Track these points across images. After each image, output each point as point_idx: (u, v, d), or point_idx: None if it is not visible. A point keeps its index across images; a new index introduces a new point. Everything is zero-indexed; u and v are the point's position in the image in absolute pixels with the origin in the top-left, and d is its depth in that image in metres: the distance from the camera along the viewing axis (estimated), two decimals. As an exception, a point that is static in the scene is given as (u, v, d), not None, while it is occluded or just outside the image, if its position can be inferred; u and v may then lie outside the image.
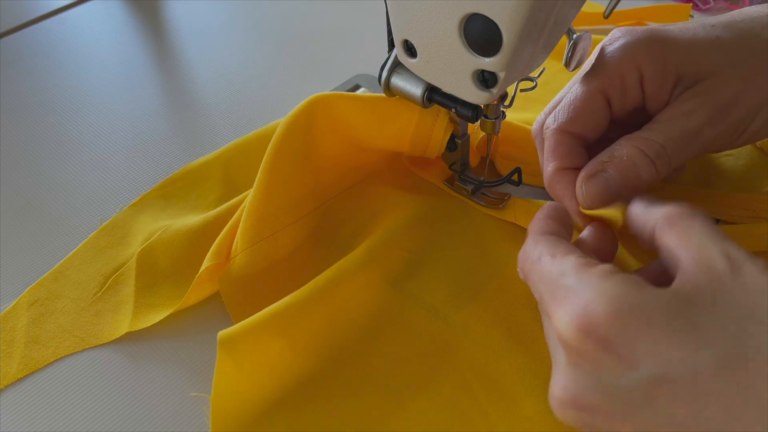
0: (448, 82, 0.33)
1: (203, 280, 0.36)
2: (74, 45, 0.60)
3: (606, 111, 0.35)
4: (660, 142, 0.32)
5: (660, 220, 0.26)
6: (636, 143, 0.32)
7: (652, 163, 0.32)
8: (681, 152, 0.33)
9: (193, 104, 0.52)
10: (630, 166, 0.32)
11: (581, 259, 0.25)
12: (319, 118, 0.38)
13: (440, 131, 0.39)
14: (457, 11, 0.29)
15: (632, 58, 0.34)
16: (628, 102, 0.35)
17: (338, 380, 0.33)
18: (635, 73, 0.34)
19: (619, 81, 0.34)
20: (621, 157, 0.32)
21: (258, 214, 0.37)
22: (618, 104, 0.35)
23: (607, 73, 0.34)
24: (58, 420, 0.33)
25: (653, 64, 0.33)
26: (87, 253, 0.40)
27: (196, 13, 0.63)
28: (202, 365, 0.35)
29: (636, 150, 0.32)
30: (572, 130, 0.34)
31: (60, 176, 0.46)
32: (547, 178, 0.35)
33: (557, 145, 0.34)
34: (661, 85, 0.34)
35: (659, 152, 0.32)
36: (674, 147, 0.32)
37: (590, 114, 0.34)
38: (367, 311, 0.35)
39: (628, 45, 0.34)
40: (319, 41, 0.58)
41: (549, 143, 0.35)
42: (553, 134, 0.35)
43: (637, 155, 0.32)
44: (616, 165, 0.32)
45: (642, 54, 0.33)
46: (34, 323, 0.37)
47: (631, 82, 0.34)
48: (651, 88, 0.34)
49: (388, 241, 0.37)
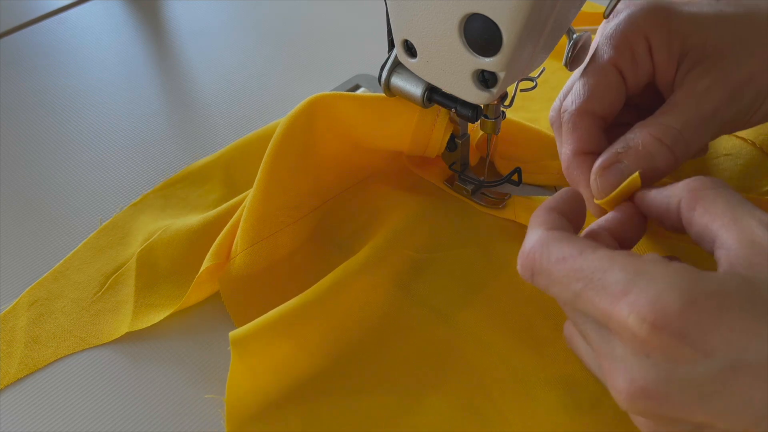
0: (448, 82, 0.33)
1: (203, 280, 0.36)
2: (74, 45, 0.60)
3: (621, 85, 0.34)
4: (677, 127, 0.31)
5: (685, 195, 0.26)
6: (652, 131, 0.31)
7: (670, 151, 0.31)
8: (698, 135, 0.32)
9: (193, 104, 0.52)
10: (646, 156, 0.31)
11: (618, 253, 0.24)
12: (319, 118, 0.38)
13: (440, 131, 0.39)
14: (457, 11, 0.29)
15: (638, 27, 0.33)
16: (640, 73, 0.34)
17: (351, 379, 0.33)
18: (643, 41, 0.33)
19: (630, 52, 0.33)
20: (636, 147, 0.31)
21: (258, 214, 0.37)
22: (632, 77, 0.34)
23: (617, 46, 0.33)
24: (58, 420, 0.33)
25: (659, 32, 0.33)
26: (87, 253, 0.40)
27: (196, 13, 0.63)
28: (203, 365, 0.35)
29: (651, 138, 0.31)
30: (591, 108, 0.33)
31: (60, 176, 0.46)
32: (565, 161, 0.34)
33: (575, 127, 0.33)
34: (668, 55, 0.33)
35: (676, 138, 0.31)
36: (691, 131, 0.31)
37: (607, 90, 0.33)
38: (375, 312, 0.35)
39: (632, 15, 0.33)
40: (319, 41, 0.58)
41: (567, 126, 0.34)
42: (571, 116, 0.34)
43: (653, 144, 0.31)
44: (631, 155, 0.31)
45: (647, 23, 0.33)
46: (34, 323, 0.37)
47: (640, 51, 0.33)
48: (660, 57, 0.33)
49: (391, 241, 0.37)
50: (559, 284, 0.25)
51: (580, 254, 0.25)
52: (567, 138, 0.34)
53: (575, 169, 0.33)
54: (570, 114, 0.34)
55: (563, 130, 0.34)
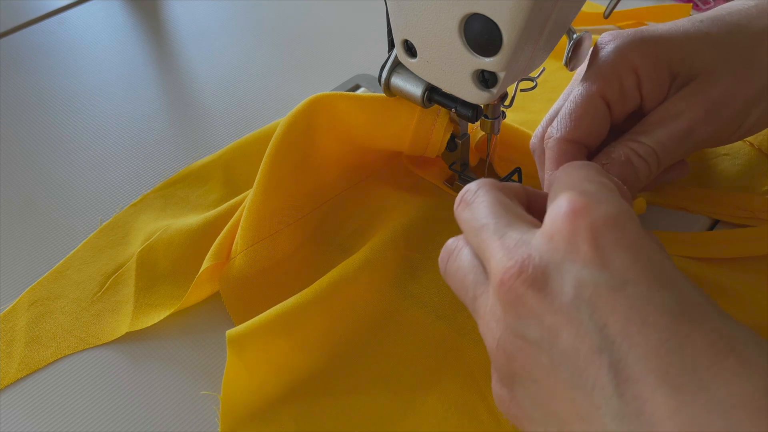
0: (448, 82, 0.33)
1: (203, 280, 0.36)
2: (74, 45, 0.60)
3: (607, 116, 0.35)
4: (650, 144, 0.33)
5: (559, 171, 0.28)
6: (630, 145, 0.33)
7: (646, 163, 0.33)
8: (673, 152, 0.34)
9: (193, 104, 0.52)
10: (628, 166, 0.33)
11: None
12: (319, 118, 0.38)
13: (440, 131, 0.39)
14: (457, 11, 0.29)
15: (626, 59, 0.34)
16: (627, 105, 0.35)
17: (346, 379, 0.33)
18: (632, 75, 0.34)
19: (618, 84, 0.34)
20: (619, 158, 0.33)
21: (258, 214, 0.37)
22: (618, 108, 0.35)
23: (605, 77, 0.34)
24: (58, 420, 0.33)
25: (647, 64, 0.33)
26: (87, 253, 0.40)
27: (196, 13, 0.63)
28: (203, 365, 0.35)
29: (631, 152, 0.33)
30: (575, 138, 0.34)
31: (60, 176, 0.46)
32: (547, 185, 0.35)
33: (560, 155, 0.34)
34: (657, 85, 0.34)
35: (649, 154, 0.33)
36: (663, 148, 0.33)
37: (592, 120, 0.34)
38: (371, 312, 0.35)
39: (620, 47, 0.34)
40: (319, 41, 0.58)
41: (552, 153, 0.34)
42: (556, 144, 0.34)
43: (633, 156, 0.33)
44: (615, 167, 0.33)
45: (635, 55, 0.34)
46: (34, 323, 0.37)
47: (628, 84, 0.34)
48: (648, 89, 0.34)
49: (389, 241, 0.37)
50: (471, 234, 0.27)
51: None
52: (551, 165, 0.34)
53: None
54: (555, 141, 0.34)
55: (546, 156, 0.35)
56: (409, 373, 0.33)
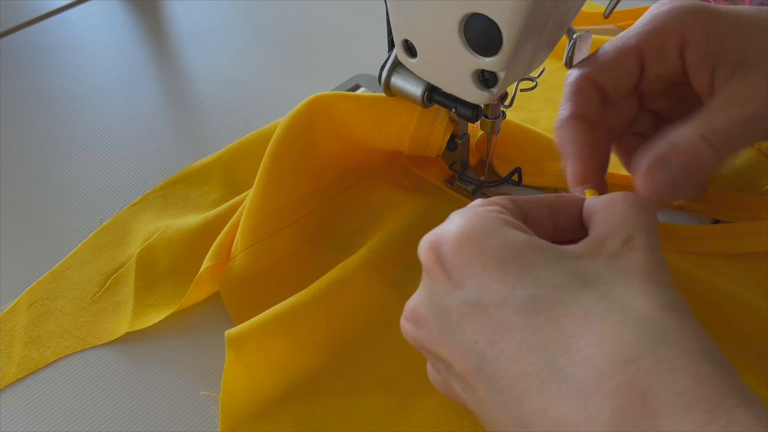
0: (448, 82, 0.33)
1: (203, 280, 0.36)
2: (74, 45, 0.60)
3: (636, 71, 0.34)
4: (723, 128, 0.31)
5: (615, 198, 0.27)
6: (698, 131, 0.31)
7: (716, 151, 0.31)
8: (742, 138, 0.31)
9: (193, 104, 0.52)
10: (694, 156, 0.30)
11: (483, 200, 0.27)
12: (318, 118, 0.38)
13: (440, 131, 0.39)
14: (457, 11, 0.29)
15: (676, 21, 0.33)
16: (665, 68, 0.33)
17: (345, 379, 0.33)
18: (677, 37, 0.33)
19: (659, 43, 0.33)
20: (684, 147, 0.31)
21: (258, 214, 0.37)
22: (653, 68, 0.33)
23: (647, 34, 0.33)
24: (58, 420, 0.33)
25: (696, 30, 0.32)
26: (87, 253, 0.40)
27: (196, 13, 0.63)
28: (203, 365, 0.35)
29: (700, 138, 0.31)
30: (597, 78, 0.33)
31: (60, 176, 0.46)
32: (559, 122, 0.34)
33: (578, 91, 0.33)
34: (704, 55, 0.32)
35: (723, 139, 0.31)
36: (737, 133, 0.31)
37: (620, 68, 0.33)
38: (371, 312, 0.35)
39: (674, 9, 0.33)
40: (319, 41, 0.58)
41: (569, 88, 0.34)
42: (575, 80, 0.34)
43: (701, 144, 0.30)
44: (679, 155, 0.31)
45: (686, 19, 0.32)
46: (33, 323, 0.37)
47: (670, 46, 0.33)
48: (693, 58, 0.33)
49: (389, 241, 0.37)
50: None
51: None
52: (566, 98, 0.34)
53: (567, 131, 0.33)
54: (575, 77, 0.34)
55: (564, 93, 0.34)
56: (408, 373, 0.33)
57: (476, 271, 0.23)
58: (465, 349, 0.23)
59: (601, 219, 0.26)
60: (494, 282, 0.23)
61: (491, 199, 0.27)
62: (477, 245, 0.24)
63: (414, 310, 0.26)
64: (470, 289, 0.23)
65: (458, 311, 0.23)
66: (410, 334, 0.26)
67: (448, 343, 0.24)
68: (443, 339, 0.24)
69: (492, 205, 0.26)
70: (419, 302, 0.25)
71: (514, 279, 0.23)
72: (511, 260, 0.23)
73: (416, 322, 0.25)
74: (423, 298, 0.25)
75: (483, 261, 0.23)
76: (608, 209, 0.26)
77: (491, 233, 0.24)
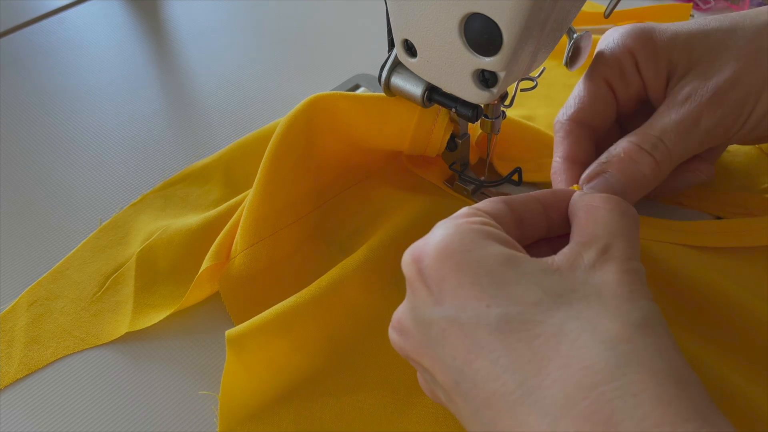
0: (448, 82, 0.33)
1: (203, 280, 0.36)
2: (74, 45, 0.60)
3: (611, 97, 0.36)
4: (656, 134, 0.32)
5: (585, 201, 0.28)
6: (632, 138, 0.33)
7: (651, 156, 0.32)
8: (681, 142, 0.33)
9: (193, 104, 0.52)
10: (629, 162, 0.32)
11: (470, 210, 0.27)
12: (318, 118, 0.38)
13: (440, 131, 0.39)
14: (458, 11, 0.29)
15: (624, 45, 0.35)
16: (630, 88, 0.35)
17: (345, 379, 0.33)
18: (630, 57, 0.35)
19: (618, 67, 0.35)
20: (618, 155, 0.33)
21: (258, 214, 0.37)
22: (622, 90, 0.35)
23: (606, 62, 0.35)
24: (57, 420, 0.33)
25: (643, 49, 0.34)
26: (86, 253, 0.40)
27: (196, 13, 0.63)
28: (203, 365, 0.35)
29: (632, 145, 0.32)
30: (580, 118, 0.35)
31: (60, 176, 0.46)
32: (553, 167, 0.35)
33: (565, 135, 0.35)
34: (655, 70, 0.34)
35: (655, 143, 0.32)
36: (672, 137, 0.32)
37: (596, 101, 0.35)
38: (371, 311, 0.35)
39: (619, 36, 0.36)
40: (319, 41, 0.58)
41: (558, 135, 0.36)
42: (562, 126, 0.36)
43: (634, 150, 0.32)
44: (615, 163, 0.32)
45: (632, 40, 0.35)
46: (33, 323, 0.37)
47: (627, 66, 0.35)
48: (646, 73, 0.35)
49: (389, 241, 0.37)
50: None
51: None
52: (556, 145, 0.36)
53: (561, 174, 0.35)
54: (561, 123, 0.36)
55: (555, 139, 0.36)
56: (407, 373, 0.33)
57: (453, 288, 0.24)
58: (445, 364, 0.24)
59: (581, 226, 0.27)
60: (470, 300, 0.23)
61: (485, 205, 0.28)
62: (454, 261, 0.24)
63: (399, 320, 0.26)
64: (448, 306, 0.24)
65: (438, 326, 0.24)
66: (397, 344, 0.26)
67: (430, 356, 0.24)
68: (426, 351, 0.24)
69: (476, 216, 0.26)
70: (404, 313, 0.26)
71: (488, 297, 0.23)
72: (487, 277, 0.23)
73: (402, 332, 0.26)
74: (407, 309, 0.26)
75: (459, 278, 0.24)
76: (588, 215, 0.27)
77: (469, 248, 0.24)
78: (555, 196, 0.29)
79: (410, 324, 0.25)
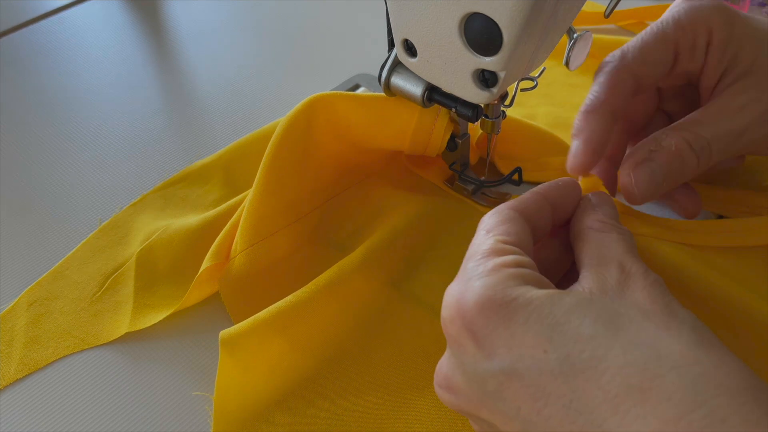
0: (448, 82, 0.33)
1: (203, 281, 0.36)
2: (73, 45, 0.60)
3: (670, 63, 0.34)
4: (707, 137, 0.32)
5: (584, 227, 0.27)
6: (684, 135, 0.32)
7: (697, 158, 0.32)
8: (725, 149, 0.32)
9: (193, 104, 0.52)
10: (677, 157, 0.32)
11: (498, 245, 0.26)
12: (318, 118, 0.38)
13: (440, 131, 0.39)
14: (458, 11, 0.29)
15: (706, 18, 0.33)
16: (692, 63, 0.34)
17: (340, 379, 0.33)
18: (706, 34, 0.33)
19: (692, 38, 0.34)
20: (669, 148, 0.32)
21: (258, 214, 0.37)
22: (681, 63, 0.34)
23: (682, 27, 0.34)
24: (57, 420, 0.33)
25: (723, 29, 0.33)
26: (86, 253, 0.40)
27: (196, 13, 0.63)
28: (202, 365, 0.35)
29: (684, 143, 0.32)
30: (636, 69, 0.34)
31: (60, 176, 0.46)
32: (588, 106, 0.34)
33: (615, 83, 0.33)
34: (721, 56, 0.33)
35: (704, 147, 0.32)
36: (719, 144, 0.32)
37: (658, 59, 0.34)
38: (368, 311, 0.35)
39: (703, 6, 0.34)
40: (319, 41, 0.58)
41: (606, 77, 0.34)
42: (614, 70, 0.34)
43: (685, 149, 0.32)
44: (663, 155, 0.32)
45: (716, 18, 0.33)
46: (33, 323, 0.37)
47: (700, 42, 0.34)
48: (714, 57, 0.33)
49: (388, 240, 0.37)
50: None
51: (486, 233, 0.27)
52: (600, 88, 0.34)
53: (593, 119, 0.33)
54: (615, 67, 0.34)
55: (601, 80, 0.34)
56: (403, 374, 0.33)
57: (505, 339, 0.23)
58: (508, 415, 0.23)
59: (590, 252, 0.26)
60: (525, 348, 0.22)
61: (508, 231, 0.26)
62: (501, 313, 0.23)
63: (447, 378, 0.25)
64: (503, 358, 0.23)
65: (494, 381, 0.23)
66: (447, 401, 0.26)
67: (489, 409, 0.24)
68: (483, 405, 0.24)
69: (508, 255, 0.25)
70: (451, 371, 0.25)
71: (544, 341, 0.22)
72: (537, 323, 0.23)
73: (451, 389, 0.25)
74: (454, 366, 0.25)
75: (510, 328, 0.23)
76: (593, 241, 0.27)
77: (513, 297, 0.23)
78: (562, 192, 0.29)
79: (461, 381, 0.24)
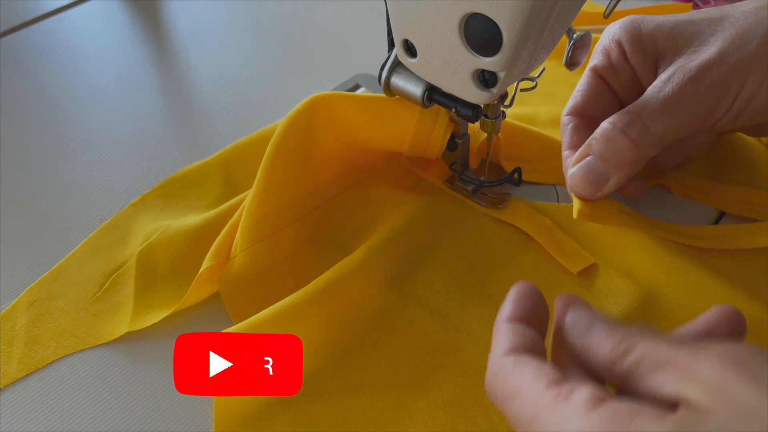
0: (448, 82, 0.33)
1: (203, 281, 0.36)
2: (73, 45, 0.60)
3: (604, 87, 0.37)
4: (634, 110, 0.33)
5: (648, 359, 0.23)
6: (610, 119, 0.33)
7: (625, 135, 0.32)
8: (662, 119, 0.32)
9: (193, 104, 0.52)
10: (605, 143, 0.33)
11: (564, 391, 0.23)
12: (318, 118, 0.38)
13: (440, 131, 0.39)
14: (457, 11, 0.29)
15: (612, 36, 0.36)
16: (621, 76, 0.37)
17: (340, 379, 0.33)
18: (617, 47, 0.36)
19: (606, 57, 0.36)
20: (596, 137, 0.33)
21: (258, 214, 0.37)
22: (612, 80, 0.37)
23: (596, 54, 0.37)
24: (58, 420, 0.33)
25: (630, 37, 0.35)
26: (86, 253, 0.40)
27: (196, 13, 0.63)
28: (202, 365, 0.35)
29: (608, 125, 0.33)
30: (579, 111, 0.37)
31: (59, 176, 0.46)
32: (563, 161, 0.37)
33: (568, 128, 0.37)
34: (642, 57, 0.35)
35: (630, 121, 0.32)
36: (651, 113, 0.33)
37: (591, 93, 0.37)
38: (368, 311, 0.35)
39: (610, 28, 0.37)
40: (319, 41, 0.58)
41: (562, 129, 0.37)
42: (564, 120, 0.37)
43: (608, 130, 0.33)
44: (594, 146, 0.33)
45: (620, 31, 0.36)
46: (33, 323, 0.37)
47: (615, 56, 0.36)
48: (634, 60, 0.36)
49: (388, 241, 0.37)
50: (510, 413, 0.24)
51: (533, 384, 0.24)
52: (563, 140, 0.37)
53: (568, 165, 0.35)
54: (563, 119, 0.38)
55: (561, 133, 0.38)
56: (404, 373, 0.33)
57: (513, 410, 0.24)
58: None
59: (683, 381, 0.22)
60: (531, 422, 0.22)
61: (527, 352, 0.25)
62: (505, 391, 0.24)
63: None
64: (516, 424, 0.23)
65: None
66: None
67: None
68: None
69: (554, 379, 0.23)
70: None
71: None
72: None
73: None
74: None
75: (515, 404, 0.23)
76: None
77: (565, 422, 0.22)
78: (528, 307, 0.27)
79: None
